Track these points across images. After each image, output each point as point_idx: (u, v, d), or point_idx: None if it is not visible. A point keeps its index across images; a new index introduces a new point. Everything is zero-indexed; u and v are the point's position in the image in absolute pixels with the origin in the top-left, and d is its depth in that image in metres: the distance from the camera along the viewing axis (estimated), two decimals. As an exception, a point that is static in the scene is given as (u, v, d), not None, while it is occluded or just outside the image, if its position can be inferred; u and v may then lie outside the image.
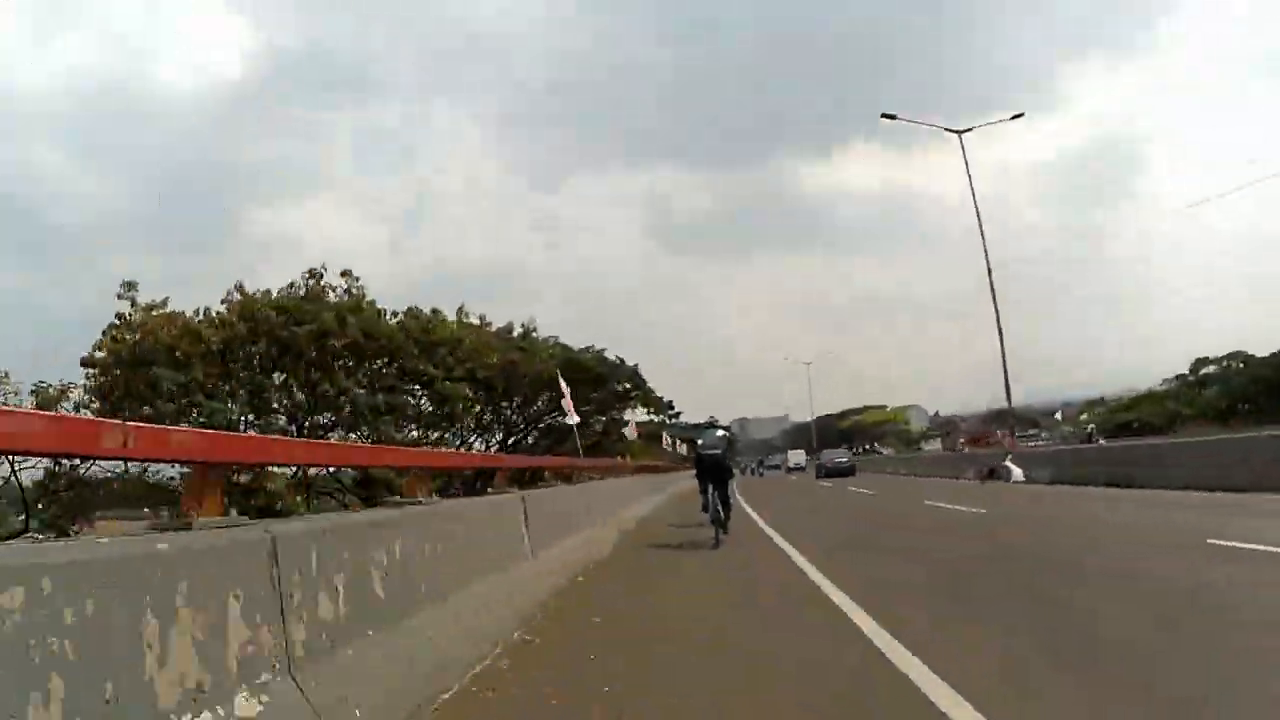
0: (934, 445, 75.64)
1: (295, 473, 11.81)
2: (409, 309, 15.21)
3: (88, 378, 11.77)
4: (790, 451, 75.23)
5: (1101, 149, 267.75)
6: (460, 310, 16.61)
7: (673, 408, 72.81)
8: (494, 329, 17.65)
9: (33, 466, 10.62)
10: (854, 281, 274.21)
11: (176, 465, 4.71)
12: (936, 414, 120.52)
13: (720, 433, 10.18)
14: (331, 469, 11.90)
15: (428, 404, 14.82)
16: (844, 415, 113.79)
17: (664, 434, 43.20)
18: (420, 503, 4.60)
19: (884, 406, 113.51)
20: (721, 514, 9.10)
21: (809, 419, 78.18)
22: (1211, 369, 46.99)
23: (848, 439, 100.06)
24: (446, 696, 3.24)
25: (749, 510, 14.39)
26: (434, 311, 15.63)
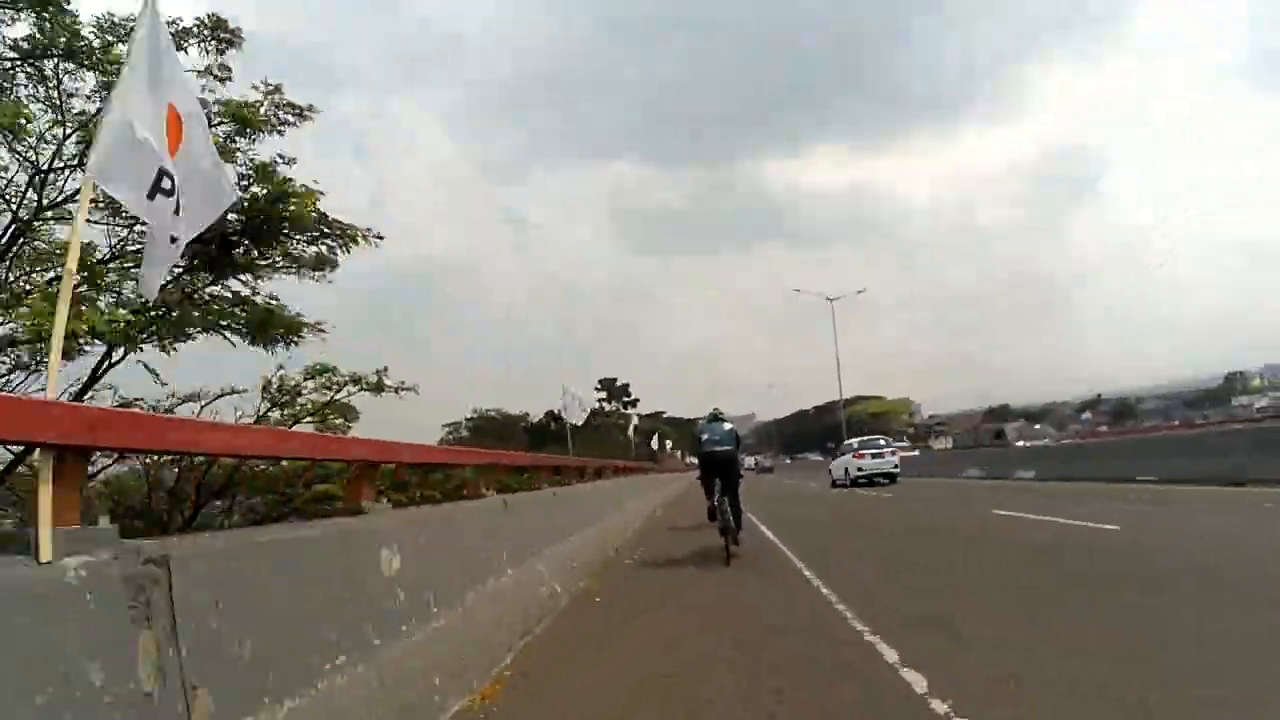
0: (944, 442, 73.77)
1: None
2: None
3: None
4: (747, 456, 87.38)
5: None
6: None
7: (628, 392, 66.81)
8: None
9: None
10: (822, 277, 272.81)
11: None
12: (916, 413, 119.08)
13: (727, 425, 8.36)
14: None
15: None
16: (831, 406, 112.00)
17: (631, 427, 32.78)
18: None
19: (881, 397, 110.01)
20: (732, 522, 7.87)
21: (839, 399, 64.49)
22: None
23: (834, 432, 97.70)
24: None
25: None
26: None
